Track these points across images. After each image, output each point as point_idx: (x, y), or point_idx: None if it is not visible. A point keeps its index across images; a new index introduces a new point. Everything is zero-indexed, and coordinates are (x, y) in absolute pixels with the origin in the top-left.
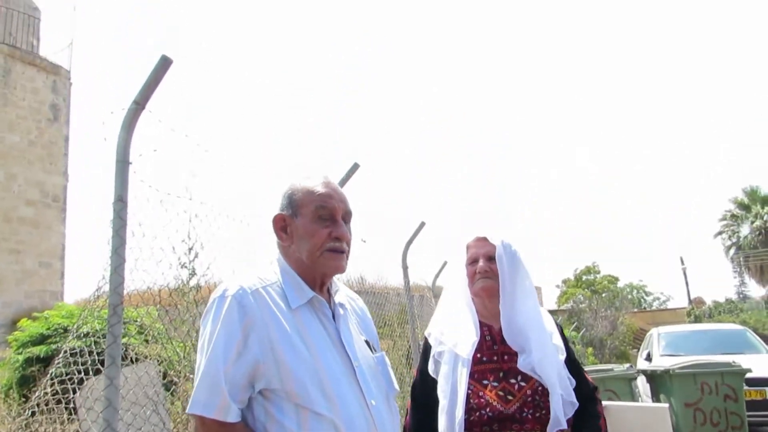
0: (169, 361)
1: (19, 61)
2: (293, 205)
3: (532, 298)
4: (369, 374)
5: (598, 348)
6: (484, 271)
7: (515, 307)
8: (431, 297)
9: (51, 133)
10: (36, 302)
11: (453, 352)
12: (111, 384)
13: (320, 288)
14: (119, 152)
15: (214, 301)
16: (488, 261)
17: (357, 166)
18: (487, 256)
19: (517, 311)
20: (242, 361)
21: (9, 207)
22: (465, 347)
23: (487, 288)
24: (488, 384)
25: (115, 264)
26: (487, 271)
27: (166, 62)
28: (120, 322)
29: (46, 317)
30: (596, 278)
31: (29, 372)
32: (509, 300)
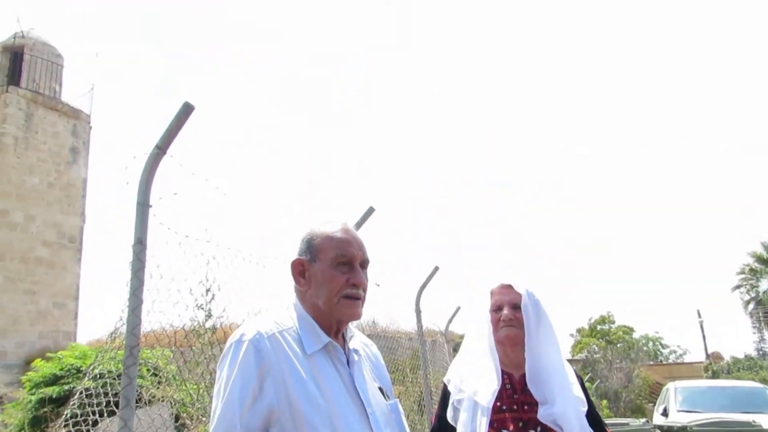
0: (181, 403)
1: (41, 106)
2: (312, 251)
3: (556, 349)
4: (382, 421)
5: (612, 401)
6: (509, 319)
7: (540, 356)
8: (444, 342)
9: (70, 175)
10: (49, 342)
11: (473, 399)
12: (125, 426)
13: (335, 334)
14: (140, 195)
15: (231, 346)
16: (513, 309)
17: (372, 210)
18: (512, 304)
19: (541, 361)
20: (258, 406)
21: (26, 248)
22: (485, 395)
23: (511, 336)
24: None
25: (133, 305)
26: (512, 320)
27: (188, 109)
28: (136, 364)
29: (60, 358)
30: (611, 328)
31: (42, 412)
32: (534, 350)
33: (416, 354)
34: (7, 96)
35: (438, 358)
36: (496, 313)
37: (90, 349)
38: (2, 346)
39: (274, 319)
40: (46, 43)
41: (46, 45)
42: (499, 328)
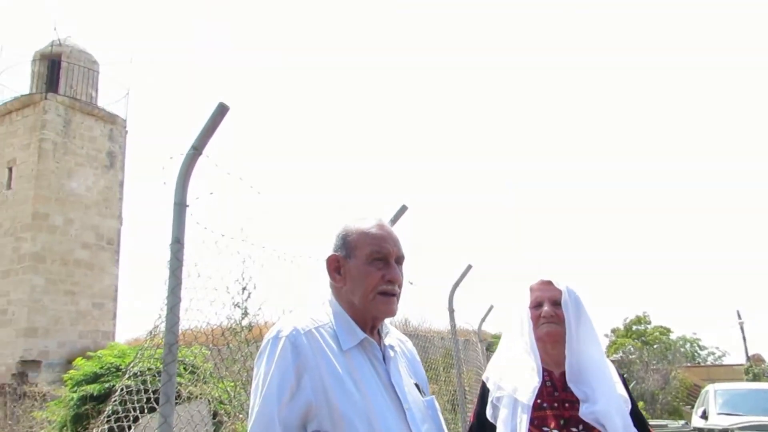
0: (219, 401)
1: (78, 112)
2: (347, 247)
3: (597, 346)
4: (419, 418)
5: (649, 402)
6: (549, 316)
7: (580, 354)
8: (477, 341)
9: (107, 179)
10: (89, 342)
11: (513, 396)
12: (165, 422)
13: (371, 330)
14: (177, 195)
15: (268, 342)
16: (553, 306)
17: (405, 208)
18: (552, 301)
19: (582, 359)
20: (295, 402)
21: (66, 250)
22: (526, 392)
23: (551, 333)
24: (548, 431)
25: (171, 303)
26: (552, 316)
27: (223, 109)
28: (175, 361)
29: (100, 357)
30: (647, 329)
31: (83, 410)
32: (575, 347)
33: (449, 353)
34: (46, 103)
35: (471, 357)
36: (535, 309)
37: (129, 348)
38: (45, 346)
39: (310, 316)
40: (82, 50)
41: (82, 52)
42: (539, 325)
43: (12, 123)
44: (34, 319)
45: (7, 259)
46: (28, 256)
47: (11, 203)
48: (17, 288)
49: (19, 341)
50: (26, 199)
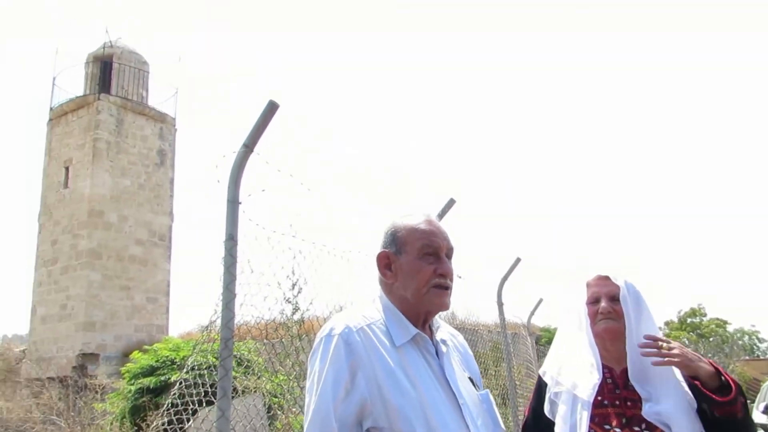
0: (272, 394)
1: (130, 112)
2: (397, 243)
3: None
4: (475, 412)
5: None
6: (607, 312)
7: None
8: (527, 335)
9: (158, 176)
10: (144, 336)
11: (572, 392)
12: (223, 416)
13: (423, 325)
14: (230, 193)
15: (321, 340)
16: (610, 301)
17: (453, 201)
18: (609, 296)
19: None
20: (351, 399)
21: (121, 246)
22: (586, 389)
23: (609, 330)
24: (610, 429)
25: (226, 299)
26: (610, 312)
27: (273, 107)
28: (231, 356)
29: (155, 350)
30: (702, 321)
31: (141, 402)
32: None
33: (496, 346)
34: (99, 103)
35: (521, 351)
36: (593, 305)
37: (182, 341)
38: (102, 339)
39: (361, 313)
40: (133, 51)
41: (132, 53)
42: (597, 321)
43: (68, 124)
44: (92, 313)
45: (66, 256)
46: (85, 252)
47: (68, 201)
48: (75, 283)
49: (78, 335)
50: (82, 198)
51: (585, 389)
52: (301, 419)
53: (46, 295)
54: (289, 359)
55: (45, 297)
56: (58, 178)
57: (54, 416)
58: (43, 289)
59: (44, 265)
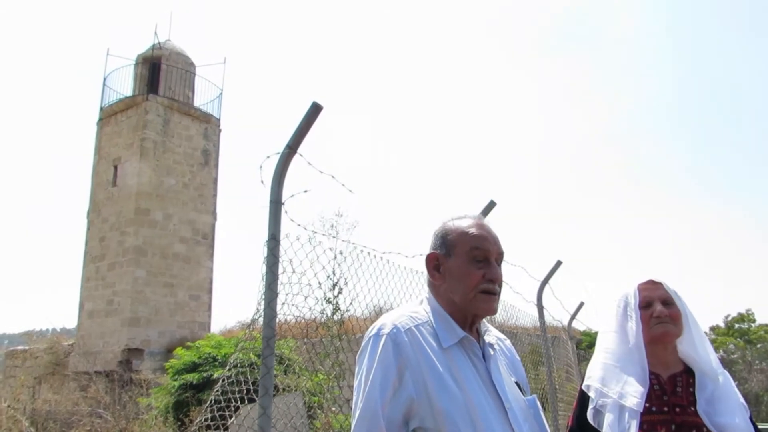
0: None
1: (176, 112)
2: (447, 245)
3: (711, 348)
4: (521, 417)
5: (753, 404)
6: (664, 315)
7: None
8: (567, 339)
9: (202, 176)
10: (186, 332)
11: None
12: (264, 413)
13: (470, 328)
14: (273, 193)
15: (369, 340)
16: (664, 305)
17: (494, 204)
18: (663, 300)
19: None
20: (398, 398)
21: (165, 244)
22: (634, 397)
23: (669, 334)
24: None
25: (269, 299)
26: (666, 316)
27: (317, 108)
28: (272, 355)
29: (198, 347)
30: (751, 327)
31: (183, 397)
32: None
33: (535, 350)
34: (147, 104)
35: (560, 354)
36: (645, 310)
37: (224, 339)
38: (147, 335)
39: (409, 314)
40: (180, 52)
41: (180, 54)
42: (652, 326)
43: (117, 123)
44: (137, 309)
45: (113, 252)
46: (132, 249)
47: (116, 199)
48: (122, 279)
49: (124, 330)
50: (130, 196)
51: (633, 398)
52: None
53: (94, 290)
54: (329, 359)
55: (92, 292)
56: (107, 177)
57: (100, 410)
58: (90, 285)
59: (92, 261)
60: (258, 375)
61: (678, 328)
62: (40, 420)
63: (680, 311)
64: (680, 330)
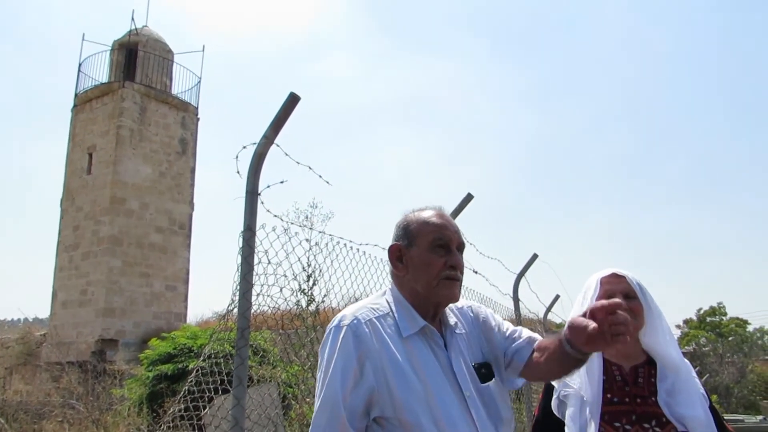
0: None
1: (153, 100)
2: (409, 236)
3: (674, 340)
4: (481, 403)
5: (723, 396)
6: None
7: (663, 347)
8: (542, 331)
9: (179, 165)
10: (162, 323)
11: (579, 393)
12: (238, 404)
13: (433, 317)
14: (249, 184)
15: (330, 331)
16: (626, 299)
17: (471, 197)
18: (624, 293)
19: (666, 352)
20: (359, 389)
21: (141, 234)
22: (593, 387)
23: None
24: (620, 427)
25: (244, 290)
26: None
27: (294, 99)
28: (247, 345)
29: (173, 338)
30: (722, 320)
31: (158, 388)
32: (658, 340)
33: None
34: (124, 91)
35: None
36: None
37: (200, 330)
38: (122, 326)
39: (370, 305)
40: (158, 39)
41: (157, 41)
42: None
43: (92, 110)
44: (112, 299)
45: (88, 242)
46: (107, 239)
47: (91, 188)
48: (96, 269)
49: (98, 321)
50: (105, 184)
51: (592, 388)
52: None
53: (67, 280)
54: (304, 350)
55: (66, 282)
56: (81, 165)
57: (73, 401)
58: (64, 274)
59: (66, 250)
60: (233, 366)
61: (639, 321)
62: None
63: (642, 305)
64: (641, 323)
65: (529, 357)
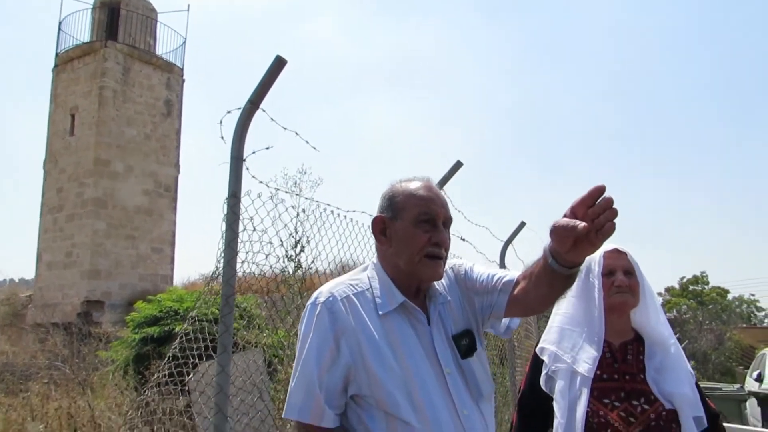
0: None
1: (137, 60)
2: (394, 208)
3: (665, 319)
4: (461, 380)
5: (701, 362)
6: (625, 285)
7: (655, 326)
8: None
9: (164, 127)
10: (149, 285)
11: (571, 368)
12: (223, 371)
13: (416, 293)
14: (234, 149)
15: (306, 309)
16: (626, 275)
17: (460, 164)
18: (625, 270)
19: (657, 331)
20: (336, 367)
21: (126, 196)
22: (586, 363)
23: (626, 303)
24: (609, 403)
25: (228, 257)
26: (627, 286)
27: (281, 63)
28: (231, 313)
29: (159, 300)
30: (704, 289)
31: (144, 351)
32: (651, 318)
33: None
34: (106, 51)
35: None
36: (607, 277)
37: (186, 292)
38: (108, 287)
39: (349, 281)
40: None
41: (140, 0)
42: (612, 294)
43: (74, 70)
44: (97, 261)
45: (71, 204)
46: (91, 201)
47: (74, 149)
48: (81, 231)
49: (84, 283)
50: (88, 146)
51: (585, 364)
52: None
53: (52, 242)
54: (290, 317)
55: (50, 244)
56: (63, 126)
57: (58, 363)
58: (48, 236)
59: (50, 212)
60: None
61: (635, 298)
62: None
63: (639, 282)
64: (637, 300)
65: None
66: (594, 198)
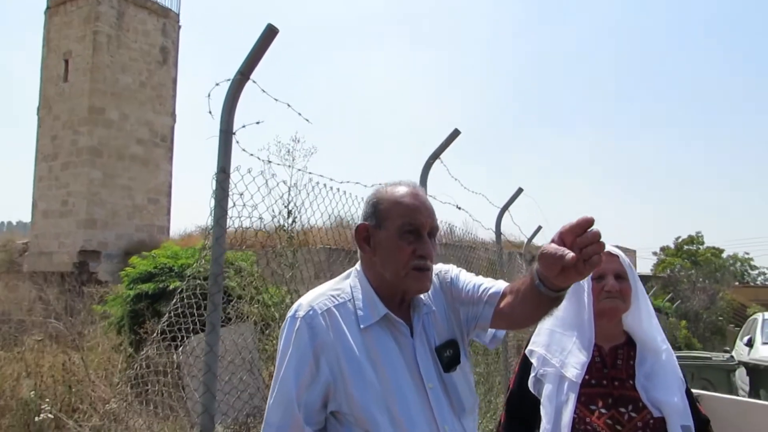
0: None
1: (131, 4)
2: (378, 216)
3: (658, 324)
4: (443, 394)
5: (692, 321)
6: (615, 290)
7: (647, 331)
8: (522, 262)
9: (160, 75)
10: (145, 236)
11: (559, 372)
12: (211, 351)
13: (399, 305)
14: (223, 122)
15: (286, 322)
16: (616, 279)
17: (458, 132)
18: (615, 274)
19: (649, 337)
20: (315, 384)
21: (121, 145)
22: (574, 368)
23: (616, 309)
24: (596, 410)
25: (217, 235)
26: (617, 291)
27: (272, 32)
28: (220, 292)
29: (154, 256)
30: (699, 249)
31: (138, 307)
32: (643, 324)
33: (492, 265)
34: None
35: (515, 272)
36: (597, 281)
37: (180, 249)
38: (104, 237)
39: (330, 292)
40: None
41: None
42: (602, 299)
43: (66, 13)
44: (93, 211)
45: (66, 152)
46: (86, 149)
47: (68, 96)
48: (76, 180)
49: (80, 232)
50: (82, 93)
51: (574, 369)
52: None
53: (47, 190)
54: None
55: (46, 192)
56: (57, 72)
57: (52, 320)
58: (43, 184)
59: (44, 160)
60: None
61: (626, 303)
62: None
63: (631, 287)
64: (628, 305)
65: (496, 309)
66: (583, 228)
